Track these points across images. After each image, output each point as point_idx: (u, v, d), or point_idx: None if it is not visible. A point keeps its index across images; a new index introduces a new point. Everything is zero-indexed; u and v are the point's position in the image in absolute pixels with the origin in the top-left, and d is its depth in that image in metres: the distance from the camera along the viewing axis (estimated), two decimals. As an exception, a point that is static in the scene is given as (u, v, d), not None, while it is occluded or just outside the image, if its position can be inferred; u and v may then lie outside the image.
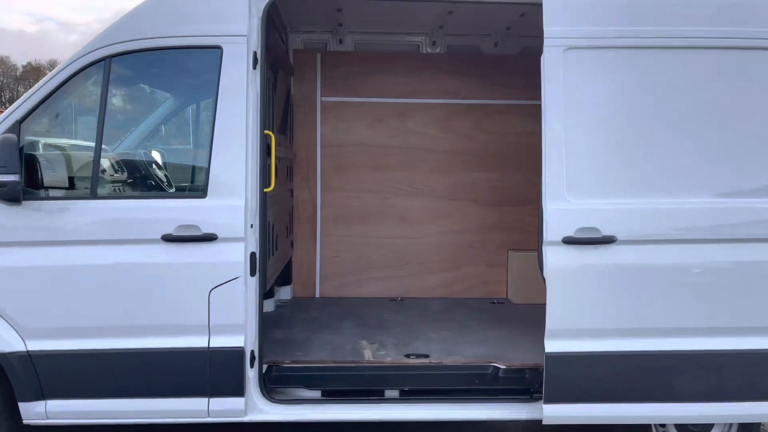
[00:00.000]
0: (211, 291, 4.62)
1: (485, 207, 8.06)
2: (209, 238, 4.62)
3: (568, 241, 4.72)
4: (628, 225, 4.73)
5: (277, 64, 6.72)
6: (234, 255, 4.65)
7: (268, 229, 5.76)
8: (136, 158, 5.23)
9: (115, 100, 5.19)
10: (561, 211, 4.75)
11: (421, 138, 7.97)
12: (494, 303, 7.86)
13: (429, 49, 8.01)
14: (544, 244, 4.79)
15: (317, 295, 8.02)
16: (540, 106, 4.78)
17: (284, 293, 7.80)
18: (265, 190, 4.85)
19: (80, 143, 5.02)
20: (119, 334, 4.63)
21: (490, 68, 7.92)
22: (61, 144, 4.94)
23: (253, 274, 4.71)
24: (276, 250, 6.41)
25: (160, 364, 4.66)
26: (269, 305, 7.11)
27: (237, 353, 4.67)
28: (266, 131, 4.92)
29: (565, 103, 4.73)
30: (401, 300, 7.86)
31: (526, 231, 8.05)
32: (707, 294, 4.74)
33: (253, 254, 4.72)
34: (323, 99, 7.92)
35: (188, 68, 4.93)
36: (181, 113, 5.22)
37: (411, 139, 7.97)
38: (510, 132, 8.02)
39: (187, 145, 5.38)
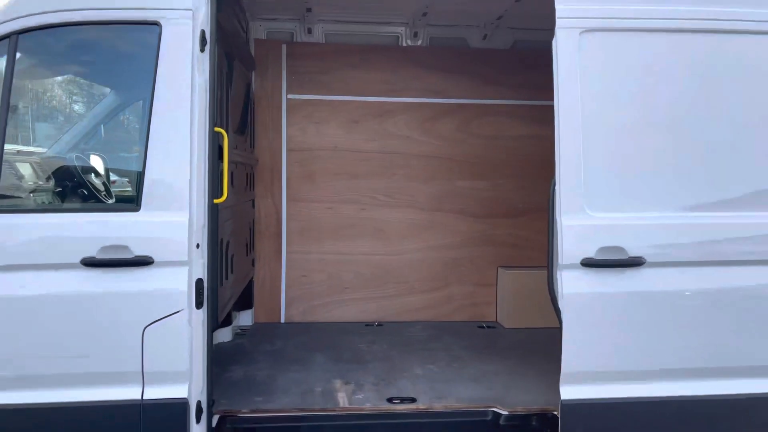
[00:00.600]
0: (145, 329, 3.69)
1: (473, 219, 7.21)
2: (143, 262, 3.68)
3: (588, 263, 3.88)
4: (660, 244, 3.91)
5: (235, 54, 5.76)
6: (175, 282, 3.71)
7: (220, 249, 4.78)
8: (49, 162, 4.21)
9: (22, 88, 4.17)
10: (579, 227, 3.90)
11: (402, 142, 7.09)
12: (483, 327, 6.99)
13: (410, 42, 7.14)
14: (557, 267, 3.92)
15: (282, 321, 7.04)
16: (536, 107, 3.95)
17: (244, 319, 6.80)
18: (216, 201, 3.92)
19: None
20: (32, 385, 3.65)
21: (479, 64, 7.09)
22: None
23: (199, 305, 3.76)
24: (232, 272, 5.43)
25: (84, 421, 3.69)
26: (225, 334, 6.11)
27: (179, 406, 3.74)
28: (217, 129, 3.97)
29: (582, 97, 3.88)
30: (379, 325, 6.94)
31: (518, 246, 7.23)
32: (757, 327, 3.93)
33: (199, 281, 3.78)
34: (289, 97, 6.97)
35: (118, 48, 3.95)
36: (109, 105, 4.20)
37: (390, 142, 7.08)
38: (501, 135, 7.20)
39: (117, 144, 4.36)
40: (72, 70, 4.27)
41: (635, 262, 3.87)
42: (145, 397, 3.71)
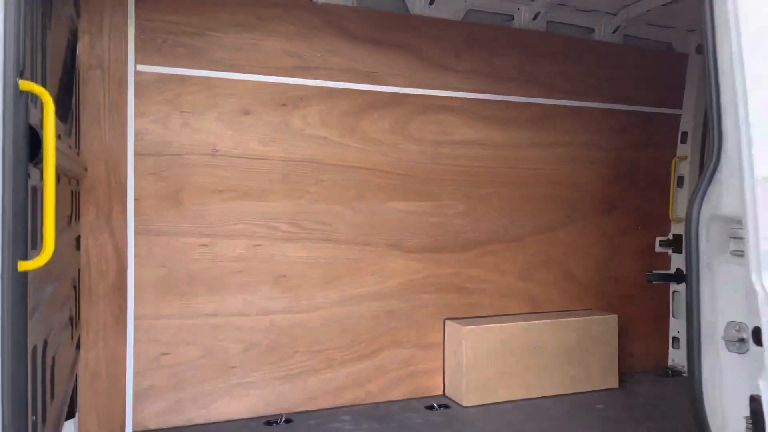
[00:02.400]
0: None
1: (411, 255, 5.18)
2: None
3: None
4: None
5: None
6: None
7: (31, 367, 2.16)
8: None
9: None
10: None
11: (315, 145, 4.82)
12: (433, 408, 4.97)
13: (327, -1, 4.91)
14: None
15: (129, 431, 4.34)
16: (495, 103, 2.27)
17: (65, 439, 3.99)
18: (25, 266, 1.47)
19: None
20: None
21: (422, 38, 5.09)
22: None
23: None
24: (52, 397, 2.74)
25: None
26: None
27: None
28: (30, 85, 1.49)
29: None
30: (287, 421, 4.61)
31: (469, 290, 5.37)
32: None
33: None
34: (140, 69, 4.34)
35: None
36: None
37: (298, 146, 4.77)
38: (449, 140, 5.26)
39: None
40: None
41: None
42: None
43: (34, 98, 1.89)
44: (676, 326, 6.15)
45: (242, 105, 4.59)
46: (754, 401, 2.12)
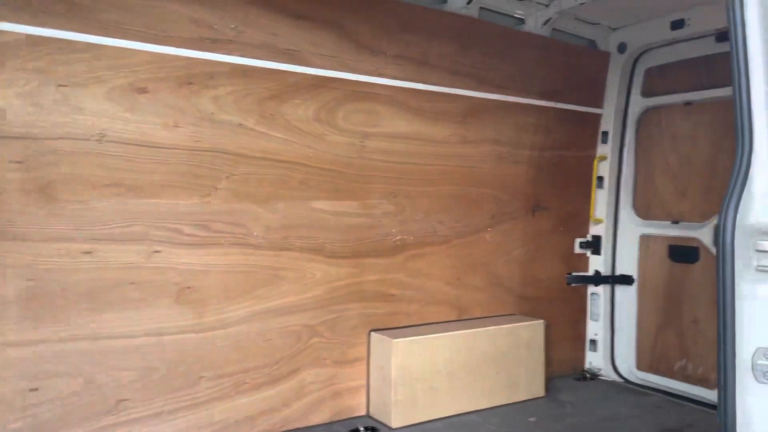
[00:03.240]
0: None
1: (334, 261, 4.61)
2: None
3: None
4: None
5: None
6: None
7: None
8: None
9: None
10: None
11: (227, 132, 4.08)
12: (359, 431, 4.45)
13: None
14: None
15: (-14, 490, 3.40)
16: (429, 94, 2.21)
17: None
18: None
19: None
20: None
21: (356, 14, 4.49)
22: None
23: None
24: None
25: None
26: None
27: None
28: None
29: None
30: (191, 461, 3.86)
31: (395, 299, 4.93)
32: None
33: None
34: (3, 27, 3.37)
35: None
36: None
37: (206, 132, 4.01)
38: (380, 132, 4.74)
39: None
40: None
41: None
42: None
43: None
44: (594, 329, 6.08)
45: (137, 81, 3.74)
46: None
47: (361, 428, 4.49)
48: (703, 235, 5.36)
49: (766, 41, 2.06)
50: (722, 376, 2.06)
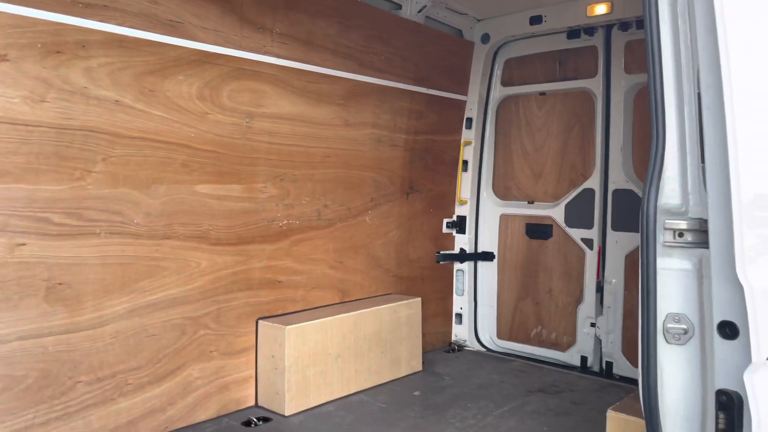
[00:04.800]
0: None
1: (218, 249, 4.38)
2: None
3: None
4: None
5: None
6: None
7: None
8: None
9: None
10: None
11: (102, 110, 3.66)
12: (252, 424, 4.32)
13: None
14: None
15: None
16: (315, 75, 2.78)
17: None
18: None
19: None
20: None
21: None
22: None
23: None
24: None
25: None
26: None
27: None
28: None
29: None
30: (72, 476, 3.48)
31: (282, 285, 4.84)
32: None
33: None
34: None
35: None
36: None
37: (78, 109, 3.56)
38: (264, 113, 4.55)
39: None
40: None
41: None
42: None
43: None
44: (459, 303, 6.46)
45: (-5, 46, 3.21)
46: (725, 395, 2.12)
47: (254, 420, 4.35)
48: (556, 213, 5.94)
49: (676, 35, 2.32)
50: (644, 340, 2.32)
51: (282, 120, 4.66)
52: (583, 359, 5.74)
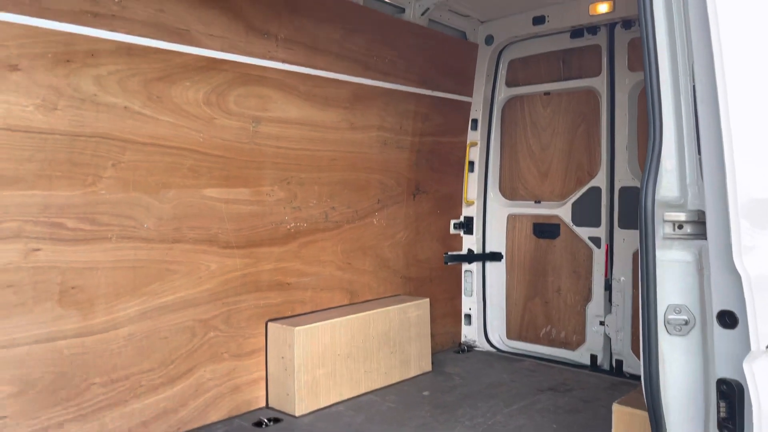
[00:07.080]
0: None
1: (228, 252, 4.45)
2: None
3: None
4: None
5: None
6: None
7: None
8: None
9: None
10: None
11: (112, 116, 3.75)
12: (263, 425, 4.37)
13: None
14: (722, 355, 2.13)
15: None
16: (321, 80, 2.96)
17: None
18: None
19: None
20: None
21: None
22: None
23: None
24: None
25: None
26: None
27: None
28: None
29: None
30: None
31: (291, 287, 4.91)
32: None
33: None
34: None
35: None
36: None
37: (88, 116, 3.64)
38: (271, 117, 4.62)
39: None
40: None
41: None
42: None
43: None
44: (468, 304, 6.49)
45: (8, 57, 3.29)
46: (725, 384, 2.14)
47: (265, 420, 4.41)
48: (563, 212, 5.96)
49: (672, 33, 2.36)
50: (646, 332, 2.35)
51: (288, 124, 4.73)
52: (593, 358, 5.75)
